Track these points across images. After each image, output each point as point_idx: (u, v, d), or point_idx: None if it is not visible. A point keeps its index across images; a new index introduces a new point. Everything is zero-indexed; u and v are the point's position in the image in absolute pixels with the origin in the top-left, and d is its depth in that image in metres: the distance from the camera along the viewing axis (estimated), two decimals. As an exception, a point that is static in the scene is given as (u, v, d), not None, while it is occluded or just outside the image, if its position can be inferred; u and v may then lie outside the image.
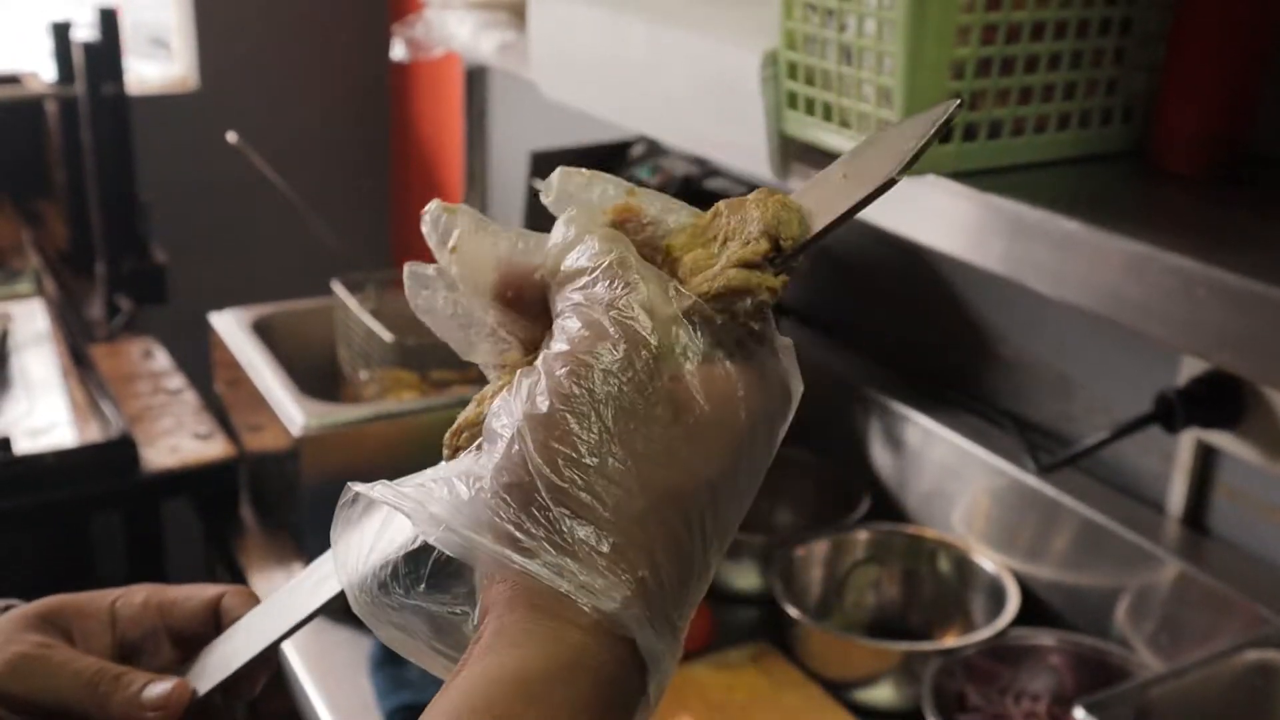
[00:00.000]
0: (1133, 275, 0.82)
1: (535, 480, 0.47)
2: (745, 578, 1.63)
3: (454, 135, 2.81)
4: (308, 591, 0.59)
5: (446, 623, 0.53)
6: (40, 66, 2.73)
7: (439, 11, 1.83)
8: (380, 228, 3.16)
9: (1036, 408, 1.59)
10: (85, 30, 2.44)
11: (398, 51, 1.93)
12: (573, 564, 0.47)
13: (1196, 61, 0.94)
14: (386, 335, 1.83)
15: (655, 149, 1.94)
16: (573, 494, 0.47)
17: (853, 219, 0.52)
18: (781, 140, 1.08)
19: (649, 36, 1.24)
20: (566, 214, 0.54)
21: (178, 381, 2.28)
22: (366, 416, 1.75)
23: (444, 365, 1.90)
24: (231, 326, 2.07)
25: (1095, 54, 0.97)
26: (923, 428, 1.66)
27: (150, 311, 2.53)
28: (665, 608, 0.48)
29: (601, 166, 0.58)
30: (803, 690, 1.47)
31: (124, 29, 2.44)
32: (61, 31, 2.54)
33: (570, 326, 0.50)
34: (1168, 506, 1.42)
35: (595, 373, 0.48)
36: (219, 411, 2.16)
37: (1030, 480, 1.52)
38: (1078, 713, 1.12)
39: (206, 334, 2.12)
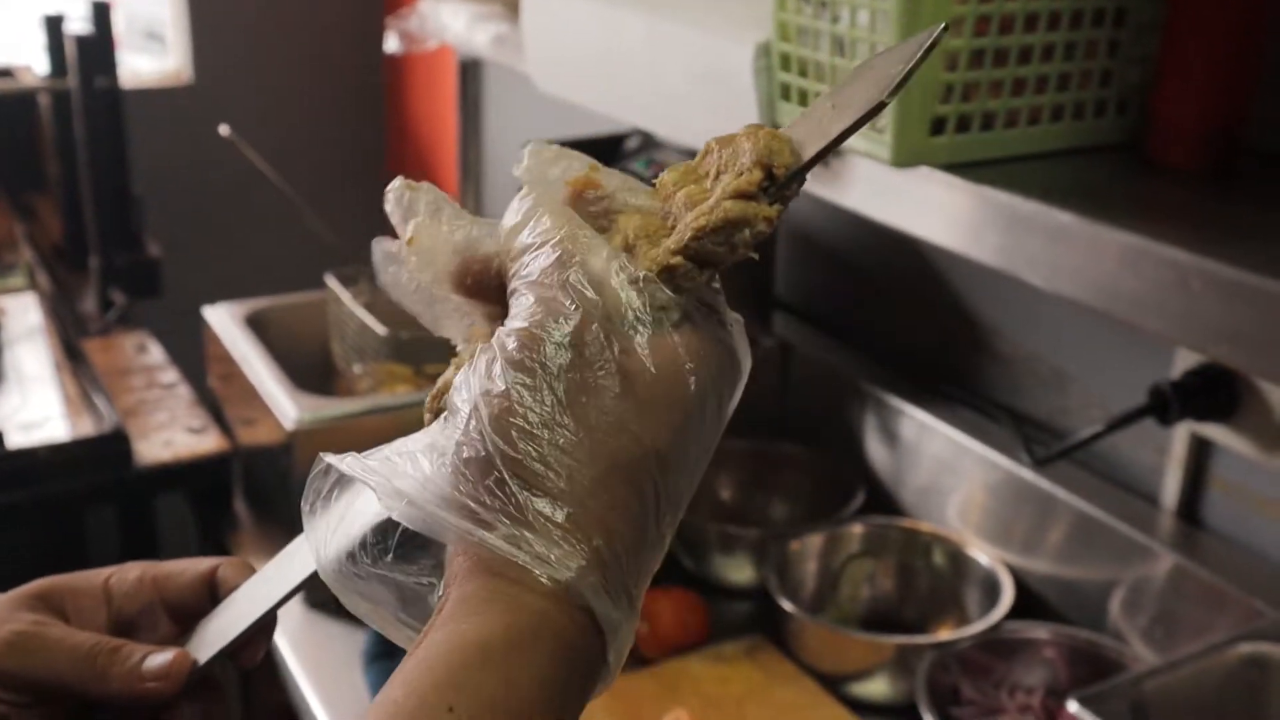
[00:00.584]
0: (1127, 268, 0.82)
1: (492, 454, 0.48)
2: (740, 571, 1.63)
3: (448, 128, 2.81)
4: (303, 556, 0.59)
5: (413, 593, 0.54)
6: (33, 60, 2.73)
7: (433, 4, 1.82)
8: (374, 222, 3.07)
9: (1031, 401, 1.59)
10: (78, 23, 2.44)
11: (392, 44, 1.93)
12: (529, 535, 0.47)
13: (1191, 54, 0.94)
14: (380, 329, 1.83)
15: (650, 142, 1.94)
16: (527, 465, 0.48)
17: (843, 142, 0.52)
18: (775, 132, 1.08)
19: (642, 29, 1.24)
20: (520, 194, 0.54)
21: (171, 375, 2.28)
22: (360, 410, 1.75)
23: (437, 359, 1.90)
24: (225, 320, 2.06)
25: (1089, 45, 0.97)
26: (918, 421, 1.66)
27: (144, 305, 2.53)
28: (621, 576, 0.49)
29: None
30: (797, 684, 1.47)
31: (118, 22, 2.44)
32: (54, 25, 2.53)
33: (523, 302, 0.51)
34: (1162, 500, 1.42)
35: (547, 346, 0.49)
36: (213, 405, 2.16)
37: (1025, 474, 1.52)
38: (1072, 706, 1.12)
39: (200, 328, 2.11)
